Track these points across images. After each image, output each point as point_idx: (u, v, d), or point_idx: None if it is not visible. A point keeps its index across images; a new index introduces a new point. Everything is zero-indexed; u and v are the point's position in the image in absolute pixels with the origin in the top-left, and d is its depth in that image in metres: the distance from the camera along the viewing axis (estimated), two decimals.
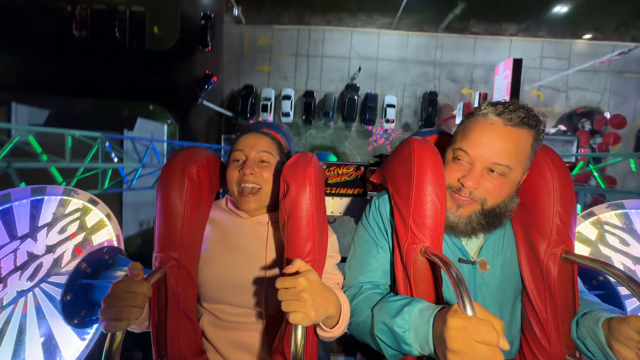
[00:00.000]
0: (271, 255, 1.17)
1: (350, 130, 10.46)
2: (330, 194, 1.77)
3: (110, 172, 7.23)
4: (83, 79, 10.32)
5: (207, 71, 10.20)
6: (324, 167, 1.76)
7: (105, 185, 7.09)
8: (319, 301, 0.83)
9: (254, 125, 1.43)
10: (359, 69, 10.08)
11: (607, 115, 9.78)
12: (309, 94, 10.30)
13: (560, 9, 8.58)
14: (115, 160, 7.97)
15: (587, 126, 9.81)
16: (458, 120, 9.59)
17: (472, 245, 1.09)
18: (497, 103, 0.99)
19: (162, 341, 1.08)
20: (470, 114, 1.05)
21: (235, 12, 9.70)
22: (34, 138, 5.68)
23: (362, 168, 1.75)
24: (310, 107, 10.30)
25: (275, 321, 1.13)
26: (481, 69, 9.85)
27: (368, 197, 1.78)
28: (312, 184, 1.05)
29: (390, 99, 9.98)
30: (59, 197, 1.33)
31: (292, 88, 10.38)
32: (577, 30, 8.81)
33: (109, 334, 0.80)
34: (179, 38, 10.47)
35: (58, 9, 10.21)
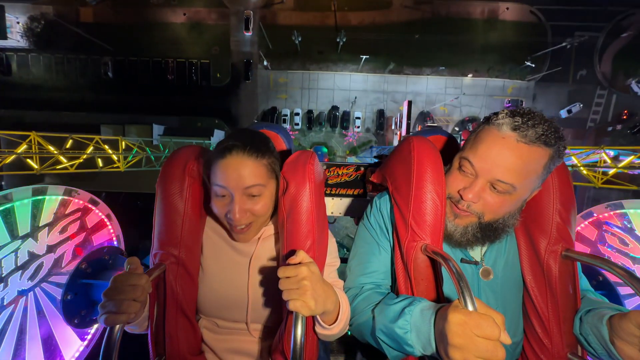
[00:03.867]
0: (262, 271, 1.12)
1: (334, 133, 19.52)
2: (330, 195, 1.77)
3: None
4: (172, 105, 18.74)
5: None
6: (324, 167, 1.76)
7: None
8: (319, 292, 0.82)
9: (240, 135, 1.05)
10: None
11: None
12: (310, 111, 19.36)
13: (453, 58, 18.25)
14: None
15: (470, 127, 18.66)
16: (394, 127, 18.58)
17: (475, 251, 1.07)
18: (517, 113, 0.89)
19: (161, 340, 1.05)
20: (487, 119, 0.96)
21: (265, 63, 18.59)
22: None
23: (362, 168, 1.75)
24: (311, 119, 19.20)
25: (273, 329, 1.11)
26: (410, 95, 19.04)
27: (368, 198, 1.78)
28: (312, 180, 1.04)
29: (357, 113, 19.10)
30: (60, 197, 1.32)
31: (299, 108, 19.33)
32: (464, 71, 18.60)
33: (108, 329, 0.78)
34: (229, 79, 19.11)
35: (157, 62, 18.71)
